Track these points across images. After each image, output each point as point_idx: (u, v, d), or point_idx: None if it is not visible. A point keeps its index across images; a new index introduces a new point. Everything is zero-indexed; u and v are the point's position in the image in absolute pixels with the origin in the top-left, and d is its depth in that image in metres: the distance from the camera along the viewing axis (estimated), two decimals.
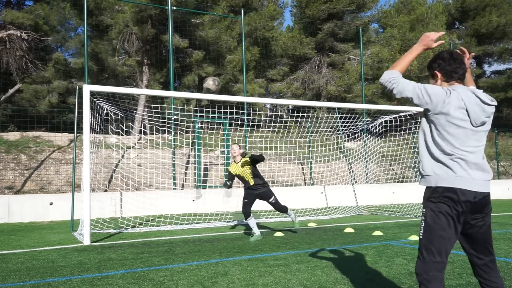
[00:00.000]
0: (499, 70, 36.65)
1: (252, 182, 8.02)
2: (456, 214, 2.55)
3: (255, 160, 8.00)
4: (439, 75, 2.80)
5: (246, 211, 7.93)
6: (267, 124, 16.76)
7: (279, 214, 12.39)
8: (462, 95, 2.63)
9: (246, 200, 7.97)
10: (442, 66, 2.78)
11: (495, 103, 2.71)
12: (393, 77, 2.76)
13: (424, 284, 2.55)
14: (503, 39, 32.30)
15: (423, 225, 2.63)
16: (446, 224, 2.55)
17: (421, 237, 2.63)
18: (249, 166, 8.02)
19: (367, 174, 17.16)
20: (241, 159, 8.10)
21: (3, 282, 4.79)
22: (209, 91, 7.14)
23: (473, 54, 3.16)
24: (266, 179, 8.60)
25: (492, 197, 18.74)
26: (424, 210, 2.66)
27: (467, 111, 2.60)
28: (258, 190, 8.04)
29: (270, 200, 8.09)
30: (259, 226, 10.31)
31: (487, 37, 32.26)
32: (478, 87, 2.92)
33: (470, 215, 2.60)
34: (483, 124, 2.66)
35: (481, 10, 31.63)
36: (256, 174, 8.07)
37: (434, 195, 2.61)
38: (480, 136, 2.66)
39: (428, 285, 2.53)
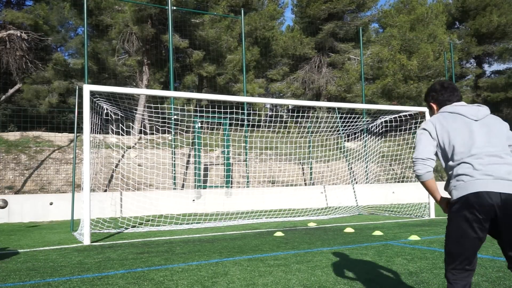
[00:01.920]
0: (499, 70, 36.64)
1: None
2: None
3: None
4: (434, 106, 2.96)
5: None
6: (267, 124, 16.77)
7: (279, 214, 12.40)
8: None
9: None
10: (435, 98, 2.93)
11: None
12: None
13: None
14: (503, 39, 32.28)
15: None
16: None
17: None
18: None
19: (367, 174, 17.15)
20: None
21: (3, 282, 4.79)
22: None
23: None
24: (266, 179, 8.65)
25: None
26: None
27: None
28: None
29: None
30: (260, 225, 10.32)
31: (488, 37, 32.25)
32: (478, 87, 2.99)
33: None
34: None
35: (481, 10, 31.62)
36: None
37: None
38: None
39: None
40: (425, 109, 12.12)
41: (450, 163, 2.67)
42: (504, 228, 2.50)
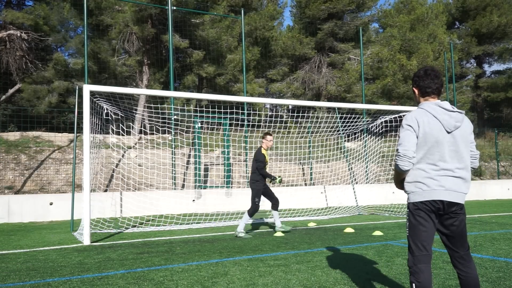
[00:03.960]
0: (499, 70, 36.65)
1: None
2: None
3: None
4: (416, 91, 3.18)
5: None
6: (267, 124, 16.76)
7: (279, 214, 12.39)
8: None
9: (258, 199, 8.48)
10: (417, 83, 3.13)
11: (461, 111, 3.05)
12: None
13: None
14: (503, 39, 32.29)
15: None
16: None
17: None
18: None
19: (367, 174, 17.15)
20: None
21: (3, 282, 4.79)
22: None
23: None
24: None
25: (492, 197, 18.75)
26: None
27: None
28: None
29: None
30: (260, 225, 10.32)
31: (488, 37, 32.26)
32: (478, 87, 3.11)
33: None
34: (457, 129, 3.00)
35: (481, 10, 31.63)
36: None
37: None
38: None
39: None
40: None
41: (417, 159, 2.99)
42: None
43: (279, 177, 8.60)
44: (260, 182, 8.41)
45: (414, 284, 2.91)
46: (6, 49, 21.04)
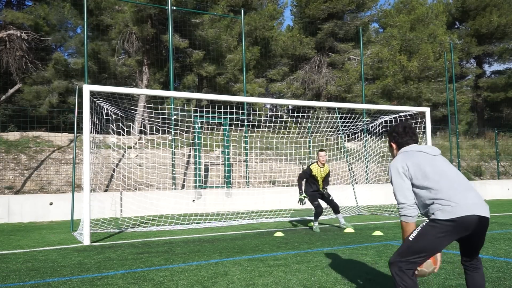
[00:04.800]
0: (499, 70, 36.63)
1: (320, 186, 9.45)
2: None
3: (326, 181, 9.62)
4: (394, 146, 3.41)
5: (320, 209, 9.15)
6: (267, 124, 16.75)
7: (279, 214, 12.40)
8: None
9: (316, 202, 9.21)
10: (396, 139, 3.37)
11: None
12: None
13: None
14: (503, 39, 32.28)
15: None
16: None
17: None
18: (326, 175, 9.53)
19: (367, 174, 17.15)
20: (324, 165, 9.51)
21: (3, 282, 4.79)
22: None
23: None
24: (266, 179, 8.87)
25: (492, 197, 18.75)
26: None
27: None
28: (320, 192, 9.43)
29: (330, 198, 9.48)
30: (260, 226, 10.32)
31: (488, 37, 32.25)
32: (478, 87, 3.20)
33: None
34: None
35: (481, 10, 31.62)
36: (326, 183, 9.60)
37: None
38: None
39: None
40: (425, 109, 12.11)
41: (426, 190, 3.01)
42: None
43: (304, 197, 9.15)
44: (310, 188, 9.31)
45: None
46: (6, 49, 21.03)
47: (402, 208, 3.04)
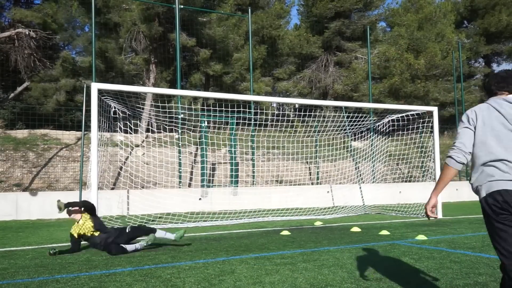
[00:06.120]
0: (508, 70, 36.32)
1: (97, 234, 6.62)
2: None
3: (87, 209, 6.85)
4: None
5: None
6: (274, 123, 16.75)
7: (285, 213, 12.39)
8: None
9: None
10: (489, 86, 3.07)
11: None
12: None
13: None
14: None
15: None
16: None
17: None
18: (89, 219, 6.73)
19: (374, 173, 17.10)
20: (81, 216, 6.78)
21: (13, 278, 4.83)
22: None
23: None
24: (273, 178, 8.70)
25: None
26: None
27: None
28: (109, 238, 6.55)
29: (127, 231, 6.68)
30: (266, 224, 10.33)
31: (496, 36, 32.00)
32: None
33: None
34: None
35: (490, 9, 31.38)
36: (98, 224, 6.72)
37: None
38: None
39: None
40: (432, 109, 12.06)
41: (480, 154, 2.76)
42: None
43: None
44: None
45: None
46: (14, 47, 21.17)
47: (454, 150, 2.86)
